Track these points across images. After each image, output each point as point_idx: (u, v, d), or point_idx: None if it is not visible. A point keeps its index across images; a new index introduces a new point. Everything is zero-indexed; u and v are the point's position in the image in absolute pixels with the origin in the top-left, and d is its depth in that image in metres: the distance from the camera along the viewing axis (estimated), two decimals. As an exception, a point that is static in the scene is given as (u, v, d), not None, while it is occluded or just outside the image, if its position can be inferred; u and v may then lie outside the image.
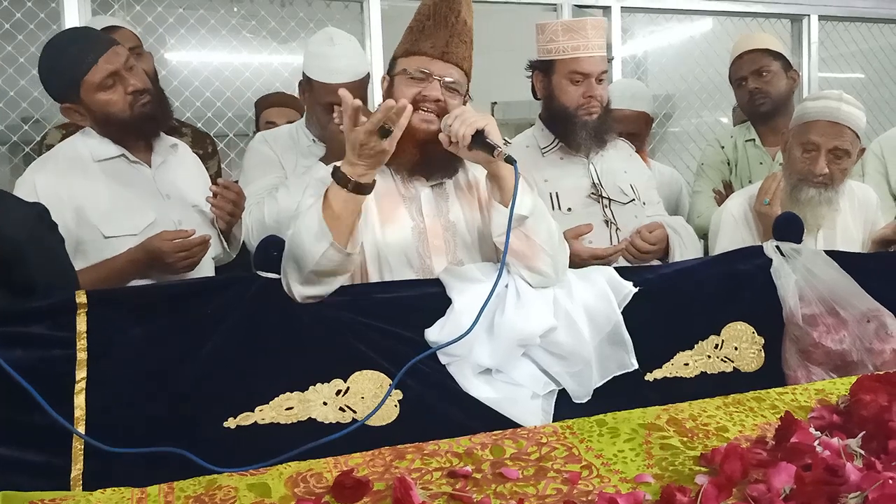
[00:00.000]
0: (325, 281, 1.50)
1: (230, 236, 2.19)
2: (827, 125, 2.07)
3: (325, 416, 1.44)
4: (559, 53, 2.13)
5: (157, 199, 2.01)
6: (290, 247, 1.49)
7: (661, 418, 1.41)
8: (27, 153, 2.91)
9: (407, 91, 1.62)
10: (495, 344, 1.55)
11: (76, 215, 1.87)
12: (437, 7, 1.65)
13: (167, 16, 3.15)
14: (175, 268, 1.90)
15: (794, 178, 2.13)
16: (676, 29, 4.09)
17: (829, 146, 2.07)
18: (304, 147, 2.44)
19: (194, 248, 1.91)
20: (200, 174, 2.23)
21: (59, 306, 1.37)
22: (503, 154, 1.51)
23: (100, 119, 1.94)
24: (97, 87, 1.88)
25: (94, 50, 1.88)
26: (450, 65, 1.64)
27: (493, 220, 1.59)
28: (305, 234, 1.46)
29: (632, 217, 2.18)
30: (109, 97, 1.90)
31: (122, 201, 1.95)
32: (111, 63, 1.89)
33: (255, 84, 3.36)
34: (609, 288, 1.68)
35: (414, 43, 1.65)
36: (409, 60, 1.65)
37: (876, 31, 4.19)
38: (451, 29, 1.64)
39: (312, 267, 1.46)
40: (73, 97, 1.90)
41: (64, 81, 1.89)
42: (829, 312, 1.74)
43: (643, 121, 2.85)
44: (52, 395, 1.27)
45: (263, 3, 3.35)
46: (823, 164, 2.07)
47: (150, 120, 1.98)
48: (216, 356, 1.43)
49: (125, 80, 1.91)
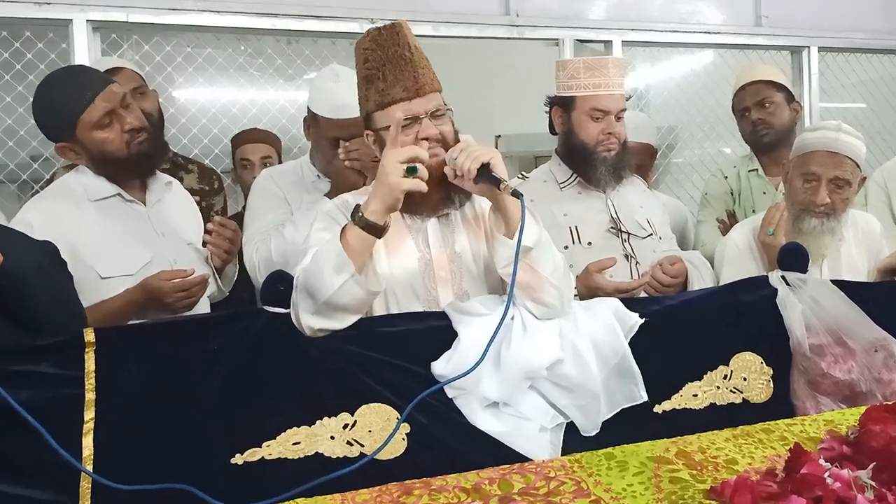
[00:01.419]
0: (336, 315, 1.50)
1: (223, 274, 2.18)
2: (826, 155, 2.09)
3: (332, 451, 1.44)
4: (580, 90, 2.16)
5: (152, 238, 2.00)
6: (306, 276, 1.48)
7: (669, 451, 1.40)
8: (36, 191, 2.95)
9: (403, 140, 1.60)
10: (502, 377, 1.54)
11: (71, 255, 1.82)
12: (386, 49, 1.63)
13: (175, 55, 3.21)
14: (174, 308, 1.88)
15: (796, 209, 2.14)
16: (677, 61, 4.14)
17: (829, 176, 2.08)
18: (309, 182, 2.46)
19: (193, 287, 1.90)
20: (195, 212, 2.23)
21: (67, 344, 1.37)
22: (509, 188, 1.51)
23: (96, 157, 1.93)
24: (94, 125, 1.88)
25: (90, 88, 1.88)
26: (427, 96, 1.63)
27: (496, 253, 1.60)
28: (324, 265, 1.46)
29: (650, 251, 2.20)
30: (106, 135, 1.90)
31: (118, 240, 1.93)
32: (108, 101, 1.89)
33: (262, 120, 3.40)
34: (615, 319, 1.68)
35: (383, 94, 1.62)
36: (387, 113, 1.62)
37: (876, 61, 4.23)
38: (410, 63, 1.63)
39: (327, 298, 1.46)
40: (69, 136, 1.90)
41: (60, 120, 1.89)
42: (837, 342, 1.73)
43: (647, 153, 2.87)
44: (60, 432, 1.27)
45: (270, 42, 3.40)
46: (824, 194, 2.08)
47: (146, 158, 1.98)
48: (223, 391, 1.43)
49: (122, 119, 1.91)
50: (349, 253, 1.45)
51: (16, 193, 3.09)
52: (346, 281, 1.45)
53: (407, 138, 1.61)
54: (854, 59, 4.18)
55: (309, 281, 1.47)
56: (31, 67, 2.93)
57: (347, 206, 1.71)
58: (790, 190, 2.19)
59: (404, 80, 1.61)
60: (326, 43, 3.34)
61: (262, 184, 2.52)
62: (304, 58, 3.38)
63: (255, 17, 3.08)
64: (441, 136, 1.63)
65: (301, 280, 1.49)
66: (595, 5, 3.69)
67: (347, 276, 1.45)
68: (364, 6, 3.24)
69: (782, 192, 2.46)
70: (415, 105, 1.62)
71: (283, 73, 3.46)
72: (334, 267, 1.45)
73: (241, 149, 3.13)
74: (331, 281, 1.45)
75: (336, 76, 2.37)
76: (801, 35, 3.96)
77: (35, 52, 2.92)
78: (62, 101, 1.88)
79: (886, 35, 4.15)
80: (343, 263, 1.44)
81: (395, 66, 1.62)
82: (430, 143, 1.62)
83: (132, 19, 2.92)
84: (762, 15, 3.91)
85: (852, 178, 2.10)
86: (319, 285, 1.46)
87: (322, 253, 1.49)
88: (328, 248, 1.48)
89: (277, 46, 3.43)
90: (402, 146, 1.53)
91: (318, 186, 2.40)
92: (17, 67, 2.92)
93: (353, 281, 1.45)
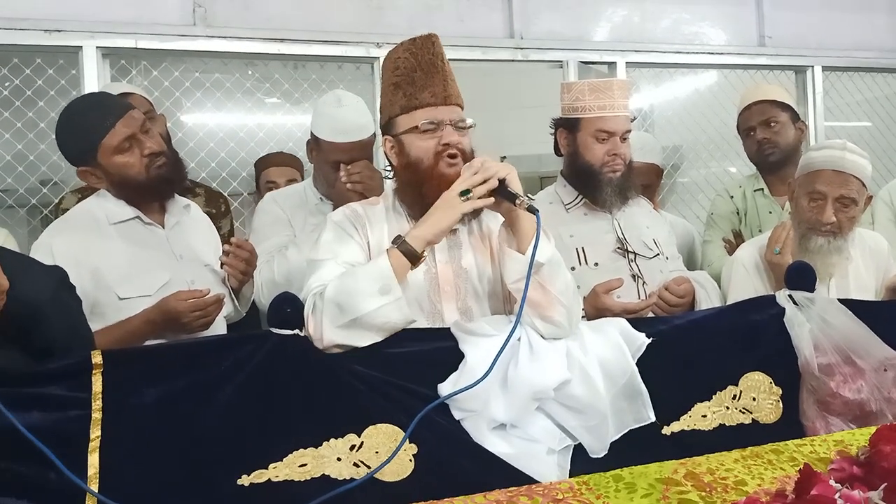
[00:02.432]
0: (362, 334, 1.51)
1: (240, 294, 2.20)
2: (832, 174, 2.09)
3: (339, 472, 1.43)
4: (585, 112, 2.18)
5: (170, 260, 2.03)
6: (340, 290, 1.50)
7: (678, 472, 1.39)
8: (45, 215, 2.97)
9: (423, 145, 1.66)
10: (510, 398, 1.54)
11: (93, 277, 1.89)
12: (419, 56, 1.67)
13: (184, 80, 3.25)
14: (190, 327, 1.91)
15: (803, 228, 2.14)
16: (682, 82, 4.16)
17: (835, 195, 2.08)
18: (312, 205, 2.48)
19: (209, 307, 1.92)
20: (212, 234, 2.26)
21: (74, 367, 1.38)
22: (525, 203, 1.53)
23: (116, 181, 1.97)
24: (115, 150, 1.92)
25: (111, 114, 1.92)
26: (453, 106, 1.68)
27: (506, 267, 1.60)
28: (367, 284, 1.49)
29: (657, 271, 2.20)
30: (126, 160, 1.94)
31: (137, 262, 1.97)
32: (128, 127, 1.93)
33: (269, 144, 3.43)
34: (622, 339, 1.68)
35: (410, 97, 1.66)
36: (411, 116, 1.67)
37: (880, 80, 4.24)
38: (441, 72, 1.67)
39: (360, 316, 1.48)
40: (91, 160, 1.94)
41: (82, 145, 1.93)
42: (846, 362, 1.72)
43: (654, 173, 2.88)
44: (67, 455, 1.27)
45: (277, 66, 3.44)
46: (831, 212, 2.08)
47: (165, 182, 2.02)
48: (230, 413, 1.43)
49: (142, 143, 1.95)
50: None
51: (25, 218, 3.12)
52: (388, 304, 1.48)
53: (429, 143, 1.64)
54: (858, 77, 4.19)
55: (343, 296, 1.49)
56: (42, 94, 2.97)
57: (356, 215, 1.74)
58: (796, 209, 2.19)
59: (433, 86, 1.66)
60: (333, 67, 3.38)
61: (266, 207, 2.55)
62: (311, 82, 3.41)
63: (263, 42, 3.12)
64: (461, 147, 1.65)
65: (332, 293, 1.50)
66: (599, 27, 3.72)
67: (391, 299, 1.48)
68: (370, 30, 3.28)
69: (788, 212, 2.46)
70: (440, 111, 1.66)
71: (289, 98, 3.50)
72: (380, 288, 1.48)
73: (266, 172, 3.19)
74: (372, 301, 1.48)
75: (338, 101, 2.40)
76: (805, 55, 3.98)
77: (45, 78, 2.96)
78: (84, 126, 1.93)
79: (890, 54, 4.17)
80: (390, 286, 1.49)
81: (425, 72, 1.66)
82: (452, 151, 1.65)
83: (141, 45, 2.97)
84: (765, 35, 3.93)
85: (858, 196, 2.10)
86: (357, 302, 1.48)
87: (367, 271, 1.52)
88: (374, 268, 1.51)
89: (284, 71, 3.47)
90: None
91: (321, 209, 2.43)
92: (27, 93, 2.96)
93: (395, 305, 1.49)
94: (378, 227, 1.73)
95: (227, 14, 3.11)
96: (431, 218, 1.57)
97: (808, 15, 4.01)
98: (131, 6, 2.98)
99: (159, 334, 1.91)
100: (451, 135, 1.65)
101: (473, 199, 1.54)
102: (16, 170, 3.00)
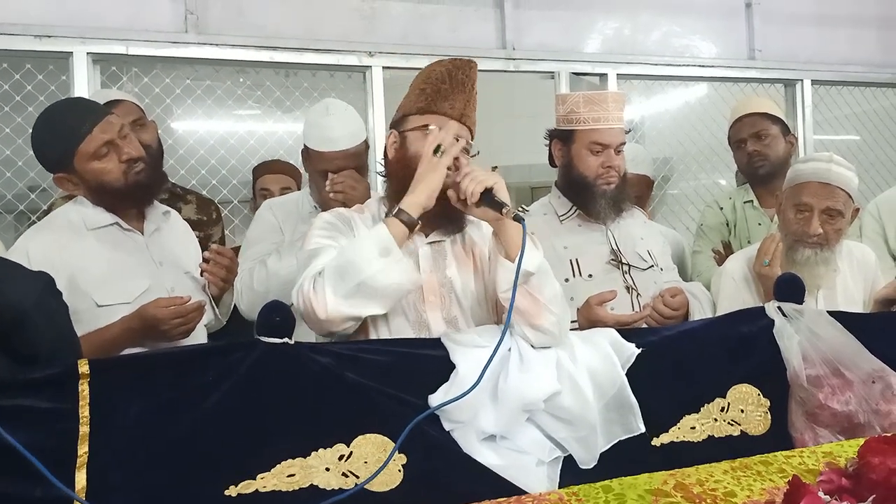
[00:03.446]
0: (368, 300, 1.54)
1: (220, 303, 2.19)
2: (818, 186, 2.11)
3: (327, 483, 1.42)
4: (580, 124, 2.18)
5: (150, 267, 2.01)
6: (339, 259, 1.54)
7: (668, 483, 1.39)
8: (33, 222, 2.95)
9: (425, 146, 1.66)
10: (500, 410, 1.54)
11: (69, 283, 1.84)
12: (452, 73, 1.72)
13: (174, 87, 3.24)
14: (171, 335, 1.89)
15: (790, 240, 2.15)
16: (672, 94, 4.19)
17: (821, 206, 2.10)
18: (306, 213, 2.48)
19: (190, 314, 1.90)
20: (191, 241, 2.24)
21: (60, 376, 1.36)
22: (511, 212, 1.54)
23: (94, 187, 1.93)
24: (91, 155, 1.89)
25: (88, 119, 1.89)
26: (465, 126, 1.72)
27: (498, 276, 1.61)
28: (367, 247, 1.52)
29: (651, 283, 2.20)
30: (104, 166, 1.90)
31: (116, 269, 1.94)
32: (106, 132, 1.89)
33: (260, 152, 3.42)
34: (612, 350, 1.68)
35: (430, 103, 1.70)
36: (424, 117, 1.71)
37: (869, 94, 4.28)
38: (467, 95, 1.73)
39: (365, 279, 1.51)
40: (67, 166, 1.91)
41: (58, 151, 1.90)
42: (834, 373, 1.73)
43: (644, 184, 2.89)
44: (54, 466, 1.25)
45: (269, 74, 3.44)
46: (817, 224, 2.09)
47: (144, 188, 1.99)
48: (217, 423, 1.41)
49: (119, 149, 1.91)
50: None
51: (13, 224, 3.10)
52: (391, 264, 1.52)
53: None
54: (847, 91, 4.23)
55: (344, 263, 1.52)
56: (31, 99, 2.95)
57: (344, 218, 1.76)
58: (783, 221, 2.21)
59: (454, 100, 1.71)
60: (325, 75, 3.38)
61: (262, 214, 2.56)
62: (303, 90, 3.41)
63: (254, 49, 3.12)
64: (457, 163, 1.67)
65: (333, 265, 1.53)
66: (591, 39, 3.74)
67: (394, 260, 1.52)
68: (362, 39, 3.29)
69: (777, 224, 2.48)
70: (452, 125, 1.69)
71: (281, 105, 3.49)
72: (380, 251, 1.52)
73: (261, 179, 3.19)
74: (374, 263, 1.51)
75: (326, 110, 2.40)
76: (795, 68, 4.02)
77: (35, 84, 2.95)
78: (60, 132, 1.89)
79: (879, 68, 4.21)
80: (390, 249, 1.53)
81: (453, 87, 1.71)
82: None
83: (132, 52, 2.96)
84: (756, 48, 3.96)
85: (844, 208, 2.12)
86: (359, 266, 1.51)
87: (366, 238, 1.56)
88: (373, 234, 1.56)
89: (276, 78, 3.46)
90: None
91: (314, 217, 2.42)
92: (16, 99, 2.94)
93: (397, 266, 1.53)
94: (364, 232, 1.73)
95: (219, 21, 3.11)
96: (420, 184, 1.61)
97: (798, 29, 4.05)
98: (123, 12, 2.98)
99: (138, 342, 1.89)
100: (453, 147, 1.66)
101: (448, 151, 1.60)
102: (3, 175, 2.98)
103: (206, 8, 3.09)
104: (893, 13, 4.25)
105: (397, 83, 3.35)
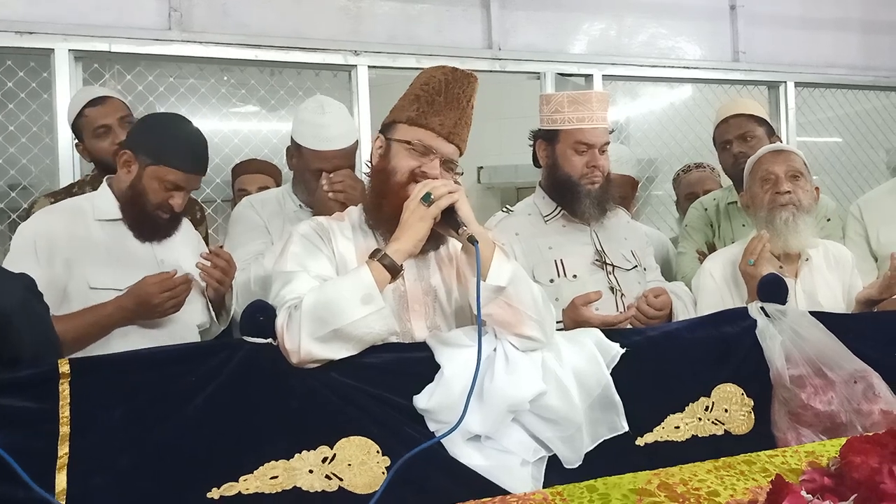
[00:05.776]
0: (341, 345, 1.49)
1: (220, 307, 2.18)
2: (773, 154, 2.26)
3: (310, 485, 1.41)
4: (564, 124, 2.18)
5: (150, 263, 2.05)
6: (318, 302, 1.47)
7: (652, 483, 1.39)
8: (13, 220, 2.91)
9: (404, 162, 1.64)
10: (485, 410, 1.53)
11: (66, 265, 1.94)
12: (449, 86, 1.66)
13: (158, 85, 3.20)
14: (162, 309, 1.95)
15: (765, 212, 2.20)
16: (657, 95, 4.21)
17: (782, 170, 2.21)
18: (291, 212, 2.46)
19: (178, 286, 1.96)
20: (197, 246, 2.25)
21: (41, 376, 1.35)
22: (466, 233, 1.53)
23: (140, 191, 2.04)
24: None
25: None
26: (452, 144, 1.67)
27: (471, 293, 1.59)
28: (349, 293, 1.47)
29: (635, 283, 2.21)
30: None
31: (114, 259, 2.01)
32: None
33: (244, 151, 3.39)
34: (597, 350, 1.68)
35: (421, 115, 1.65)
36: (412, 131, 1.65)
37: (851, 96, 4.32)
38: (460, 112, 1.67)
39: (342, 326, 1.46)
40: (153, 160, 2.03)
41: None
42: (817, 373, 1.74)
43: (629, 184, 2.90)
44: (34, 468, 1.24)
45: (253, 72, 3.42)
46: (784, 181, 2.19)
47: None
48: (200, 424, 1.40)
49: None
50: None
51: (-7, 221, 3.06)
52: (372, 313, 1.47)
53: (411, 162, 1.65)
54: (830, 94, 4.27)
55: (324, 306, 1.47)
56: (12, 96, 2.92)
57: (322, 229, 1.73)
58: (754, 203, 2.26)
59: (445, 118, 1.65)
60: (310, 74, 3.36)
61: (243, 212, 2.52)
62: (288, 89, 3.39)
63: (239, 48, 3.10)
64: (426, 176, 1.64)
65: (311, 304, 1.47)
66: (576, 40, 3.75)
67: (374, 309, 1.47)
68: (348, 38, 3.28)
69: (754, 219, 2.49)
70: (439, 143, 1.65)
71: (265, 104, 3.47)
72: (362, 298, 1.47)
73: (239, 179, 3.16)
74: (355, 311, 1.46)
75: (321, 108, 2.38)
76: (778, 70, 4.05)
77: (16, 80, 2.91)
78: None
79: (862, 71, 4.25)
80: (372, 296, 1.47)
81: (447, 103, 1.66)
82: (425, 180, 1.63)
83: (115, 49, 2.93)
84: (740, 50, 3.99)
85: (805, 171, 2.23)
86: (340, 312, 1.46)
87: (348, 281, 1.50)
88: (356, 278, 1.50)
89: (261, 77, 3.44)
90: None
91: (300, 216, 2.40)
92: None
93: (378, 314, 1.48)
94: (344, 243, 1.71)
95: (203, 19, 3.09)
96: (407, 231, 1.55)
97: (782, 32, 4.08)
98: (106, 9, 2.95)
99: (130, 320, 1.97)
100: (434, 168, 1.64)
101: (437, 202, 1.54)
102: (-16, 173, 2.94)
103: (191, 5, 3.07)
104: (876, 17, 4.30)
105: (383, 82, 3.35)
